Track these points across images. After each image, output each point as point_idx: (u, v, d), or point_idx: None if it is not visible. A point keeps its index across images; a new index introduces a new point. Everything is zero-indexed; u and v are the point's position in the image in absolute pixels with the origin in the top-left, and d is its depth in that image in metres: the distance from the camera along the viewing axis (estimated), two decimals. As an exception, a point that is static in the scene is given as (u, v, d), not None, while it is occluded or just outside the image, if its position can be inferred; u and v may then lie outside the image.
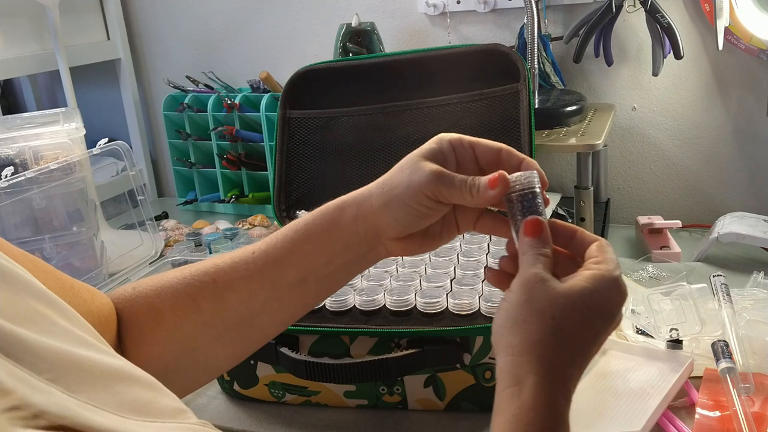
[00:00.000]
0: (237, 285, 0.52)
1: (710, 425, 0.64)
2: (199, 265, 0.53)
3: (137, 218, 1.13)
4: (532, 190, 0.48)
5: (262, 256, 0.52)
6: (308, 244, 0.52)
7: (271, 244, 0.53)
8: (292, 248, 0.52)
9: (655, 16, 1.08)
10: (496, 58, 0.98)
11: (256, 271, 0.52)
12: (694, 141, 1.21)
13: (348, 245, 0.52)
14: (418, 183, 0.48)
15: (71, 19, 1.43)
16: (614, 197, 1.28)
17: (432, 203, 0.49)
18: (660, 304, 0.79)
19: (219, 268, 0.53)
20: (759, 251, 1.03)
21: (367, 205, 0.51)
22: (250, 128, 1.39)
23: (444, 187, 0.48)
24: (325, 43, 1.36)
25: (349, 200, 0.52)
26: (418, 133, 1.02)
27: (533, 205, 0.48)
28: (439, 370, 0.70)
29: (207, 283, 0.52)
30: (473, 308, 0.70)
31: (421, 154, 0.50)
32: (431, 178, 0.48)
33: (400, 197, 0.49)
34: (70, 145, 1.03)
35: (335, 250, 0.52)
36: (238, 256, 0.53)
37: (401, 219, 0.50)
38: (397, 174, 0.50)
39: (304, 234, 0.52)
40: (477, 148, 0.51)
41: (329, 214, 0.52)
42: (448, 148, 0.50)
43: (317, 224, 0.52)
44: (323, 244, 0.52)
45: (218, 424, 0.73)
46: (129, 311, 0.52)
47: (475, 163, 0.51)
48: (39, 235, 0.98)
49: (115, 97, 1.61)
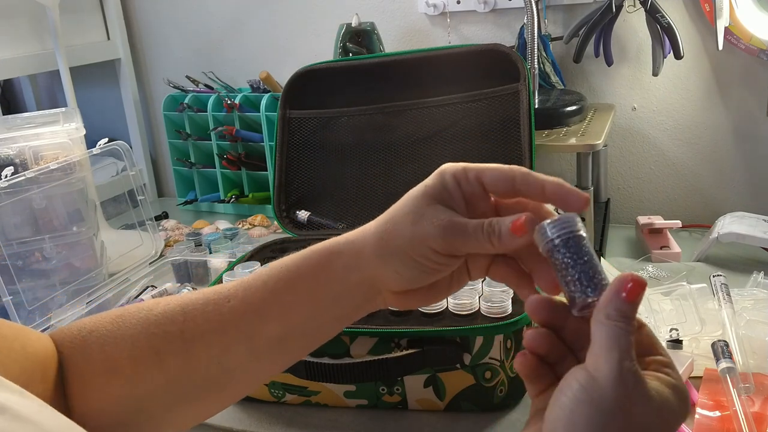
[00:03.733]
0: (209, 338, 0.45)
1: (710, 425, 0.64)
2: (165, 309, 0.46)
3: (137, 218, 1.13)
4: (576, 234, 0.39)
5: (238, 306, 0.45)
6: (290, 295, 0.44)
7: (250, 291, 0.45)
8: (271, 299, 0.44)
9: (655, 16, 1.08)
10: (496, 58, 0.98)
11: (231, 322, 0.45)
12: (694, 141, 1.21)
13: (338, 298, 0.45)
14: (424, 236, 0.41)
15: (71, 19, 1.43)
16: (614, 197, 1.28)
17: (442, 258, 0.42)
18: (660, 304, 0.79)
19: (188, 316, 0.45)
20: (759, 251, 1.03)
21: (364, 254, 0.43)
22: (250, 128, 1.39)
23: (457, 240, 0.41)
24: (325, 43, 1.36)
25: (341, 245, 0.44)
26: (418, 133, 1.02)
27: (580, 250, 0.39)
28: (439, 370, 0.70)
29: (173, 334, 0.44)
30: (473, 308, 0.70)
31: (426, 194, 0.42)
32: (439, 232, 0.41)
33: (402, 250, 0.42)
34: (70, 145, 1.03)
35: (323, 303, 0.45)
36: (212, 300, 0.45)
37: (404, 274, 0.43)
38: (398, 219, 0.42)
39: (285, 282, 0.44)
40: (485, 178, 0.42)
41: (315, 260, 0.45)
42: (452, 184, 0.42)
43: (302, 272, 0.45)
44: (308, 296, 0.44)
45: (218, 424, 0.74)
46: (81, 358, 0.45)
47: (485, 195, 0.43)
48: (39, 235, 0.98)
49: (115, 97, 1.61)
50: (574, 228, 0.39)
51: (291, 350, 0.47)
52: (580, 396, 0.34)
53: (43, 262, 0.99)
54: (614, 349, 0.35)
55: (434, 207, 0.42)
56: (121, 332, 0.45)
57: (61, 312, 0.94)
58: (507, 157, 0.95)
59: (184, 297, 0.47)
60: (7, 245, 0.93)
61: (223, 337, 0.45)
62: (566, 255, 0.39)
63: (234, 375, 0.46)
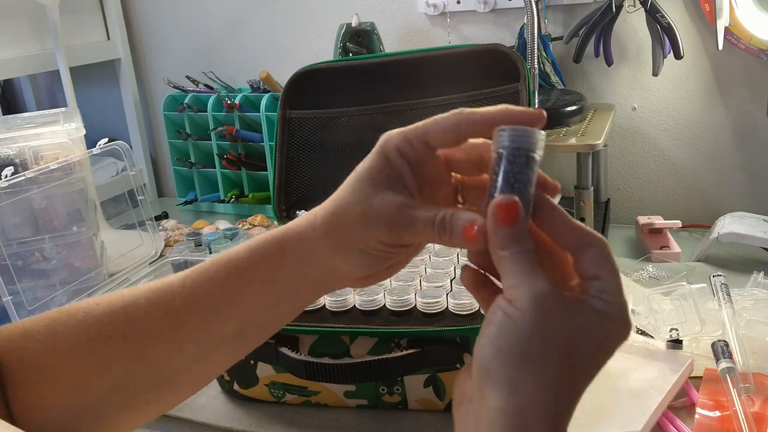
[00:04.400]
0: (156, 340, 0.42)
1: (710, 425, 0.64)
2: (104, 310, 0.42)
3: (137, 218, 1.13)
4: (528, 153, 0.36)
5: (187, 304, 0.42)
6: (245, 292, 0.43)
7: (199, 288, 0.43)
8: (224, 296, 0.42)
9: (655, 16, 1.08)
10: (496, 58, 0.98)
11: (180, 322, 0.42)
12: (694, 141, 1.21)
13: (296, 291, 0.43)
14: (373, 230, 0.39)
15: (71, 19, 1.43)
16: (614, 197, 1.28)
17: (394, 248, 0.41)
18: (660, 304, 0.79)
19: (131, 318, 0.42)
20: (759, 251, 1.03)
21: (315, 249, 0.41)
22: (250, 128, 1.39)
23: (406, 235, 0.39)
24: (325, 43, 1.36)
25: (292, 239, 0.42)
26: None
27: (524, 174, 0.36)
28: (439, 370, 0.70)
29: (116, 338, 0.42)
30: (473, 308, 0.70)
31: (371, 180, 0.40)
32: (387, 227, 0.39)
33: (353, 244, 0.40)
34: (70, 145, 1.03)
35: (281, 296, 0.43)
36: (156, 300, 0.43)
37: (359, 264, 0.41)
38: (345, 213, 0.40)
39: (239, 279, 0.42)
40: (430, 137, 0.39)
41: (269, 254, 0.42)
42: (397, 160, 0.40)
43: (255, 267, 0.42)
44: (265, 291, 0.43)
45: (218, 424, 0.74)
46: (18, 366, 0.41)
47: (434, 155, 0.41)
48: (39, 235, 0.98)
49: (115, 97, 1.61)
50: (527, 146, 0.36)
51: (247, 342, 0.45)
52: (504, 323, 0.35)
53: (43, 262, 0.98)
54: (519, 274, 0.35)
55: (382, 194, 0.39)
56: (60, 338, 0.42)
57: (61, 312, 0.94)
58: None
59: (125, 296, 0.43)
60: (7, 245, 0.93)
61: (173, 338, 0.42)
62: (506, 171, 0.36)
63: (187, 373, 0.44)
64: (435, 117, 0.40)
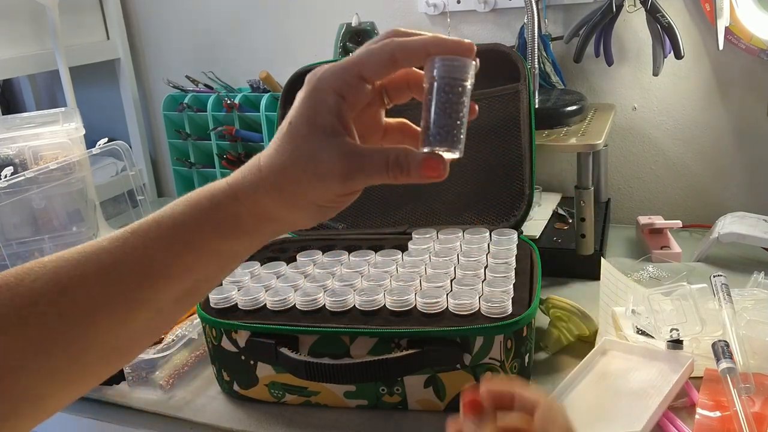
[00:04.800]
0: (99, 316, 0.39)
1: (710, 425, 0.64)
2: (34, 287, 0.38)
3: (137, 218, 1.12)
4: (461, 83, 0.38)
5: (130, 273, 0.39)
6: (193, 254, 0.41)
7: (140, 255, 0.40)
8: (170, 260, 0.40)
9: (656, 16, 1.08)
10: (496, 58, 0.98)
11: (124, 293, 0.39)
12: (694, 141, 1.21)
13: (249, 247, 0.43)
14: (325, 185, 0.40)
15: (71, 19, 1.43)
16: (614, 197, 1.28)
17: (347, 196, 0.42)
18: (660, 305, 0.79)
19: (67, 294, 0.38)
20: (759, 251, 1.03)
21: (269, 207, 0.41)
22: (250, 128, 1.39)
23: (358, 182, 0.40)
24: (325, 43, 1.35)
25: (241, 201, 0.41)
26: (418, 133, 1.01)
27: (457, 102, 0.38)
28: (439, 371, 0.70)
29: (52, 316, 0.38)
30: (473, 308, 0.70)
31: (315, 132, 0.39)
32: (340, 179, 0.39)
33: (307, 199, 0.41)
34: (70, 145, 1.03)
35: (233, 254, 0.43)
36: (93, 272, 0.39)
37: (314, 216, 0.42)
38: (294, 170, 0.40)
39: (184, 242, 0.41)
40: (366, 73, 0.39)
41: (217, 214, 0.41)
42: (337, 105, 0.39)
43: (203, 228, 0.41)
44: (216, 252, 0.42)
45: (218, 425, 0.74)
46: None
47: (369, 88, 0.40)
48: (38, 235, 0.98)
49: (115, 97, 1.61)
50: (459, 75, 0.38)
51: (198, 297, 0.44)
52: None
53: (43, 262, 0.98)
54: None
55: (327, 145, 0.39)
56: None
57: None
58: (507, 156, 0.95)
59: (55, 268, 0.39)
60: (6, 245, 0.93)
61: (117, 311, 0.39)
62: (440, 99, 0.38)
63: (135, 339, 0.42)
64: (366, 48, 0.40)
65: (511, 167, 0.95)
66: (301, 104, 0.40)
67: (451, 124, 0.38)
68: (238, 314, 0.75)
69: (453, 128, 0.38)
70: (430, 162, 0.39)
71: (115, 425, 0.77)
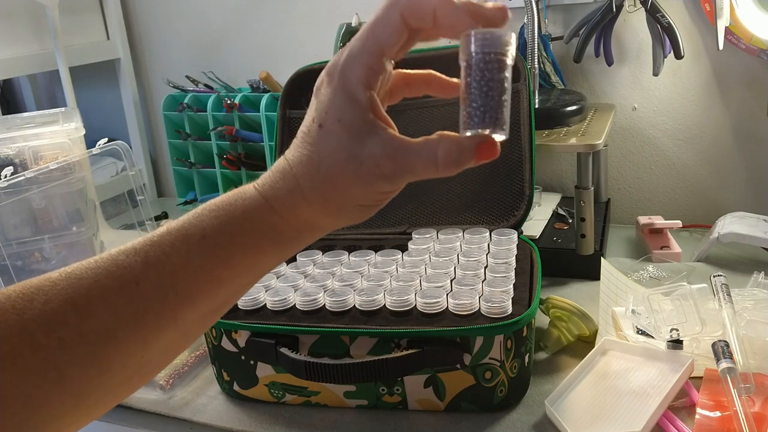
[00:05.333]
0: (120, 335, 0.35)
1: (711, 425, 0.64)
2: (47, 309, 0.34)
3: (137, 218, 1.13)
4: (500, 58, 0.35)
5: (154, 290, 0.36)
6: (227, 270, 0.38)
7: (167, 270, 0.37)
8: (201, 276, 0.37)
9: (656, 16, 1.08)
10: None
11: (148, 311, 0.36)
12: (694, 141, 1.21)
13: (284, 258, 0.41)
14: (373, 186, 0.38)
15: (71, 19, 1.43)
16: (614, 197, 1.28)
17: (391, 193, 0.40)
18: (660, 305, 0.79)
19: (85, 314, 0.34)
20: (759, 251, 1.03)
21: (311, 216, 0.39)
22: (250, 128, 1.39)
23: (405, 179, 0.38)
24: (325, 43, 1.35)
25: (280, 213, 0.38)
26: (418, 133, 1.01)
27: (497, 80, 0.35)
28: (439, 371, 0.70)
29: (71, 341, 0.34)
30: (473, 308, 0.70)
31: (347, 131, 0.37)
32: (382, 181, 0.37)
33: (352, 202, 0.39)
34: (70, 145, 1.03)
35: (267, 267, 0.40)
36: (113, 288, 0.35)
37: (358, 216, 0.40)
38: (337, 176, 0.37)
39: (218, 257, 0.38)
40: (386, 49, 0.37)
41: (256, 229, 0.38)
42: (366, 96, 0.37)
43: (239, 242, 0.38)
44: (251, 268, 0.39)
45: (218, 425, 0.73)
46: None
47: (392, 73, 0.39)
48: (38, 235, 0.98)
49: (115, 97, 1.61)
50: (497, 49, 0.35)
51: (224, 311, 0.42)
52: None
53: (43, 262, 0.98)
54: None
55: (368, 144, 0.36)
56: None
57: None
58: (507, 156, 0.95)
59: (67, 286, 0.35)
60: (6, 245, 0.93)
61: (140, 331, 0.36)
62: (479, 76, 0.35)
63: (157, 360, 0.39)
64: (374, 20, 0.36)
65: (511, 167, 0.95)
66: (330, 105, 0.37)
67: (492, 104, 0.35)
68: (238, 314, 0.75)
69: (496, 107, 0.36)
70: (484, 146, 0.36)
71: (115, 425, 0.77)
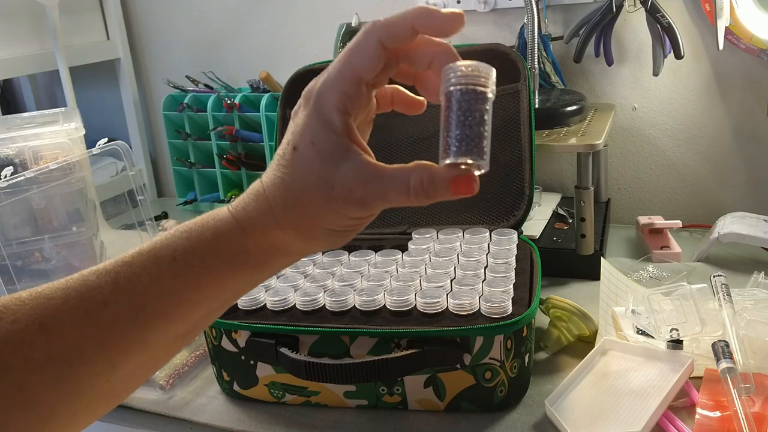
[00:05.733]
0: (88, 357, 0.35)
1: (711, 425, 0.64)
2: (14, 329, 0.34)
3: (137, 218, 1.13)
4: (479, 90, 0.36)
5: (123, 311, 0.36)
6: (197, 294, 0.38)
7: (136, 291, 0.36)
8: (171, 299, 0.37)
9: (656, 16, 1.08)
10: (496, 58, 0.98)
11: (116, 334, 0.35)
12: (694, 141, 1.21)
13: (258, 281, 0.40)
14: (343, 212, 0.37)
15: (71, 19, 1.43)
16: (614, 197, 1.28)
17: (365, 220, 0.39)
18: (660, 305, 0.79)
19: (53, 335, 0.34)
20: (759, 251, 1.03)
21: (281, 239, 0.39)
22: (250, 128, 1.39)
23: (378, 206, 0.37)
24: (325, 43, 1.35)
25: (250, 235, 0.38)
26: (418, 133, 1.02)
27: (475, 113, 0.35)
28: (439, 371, 0.70)
29: (38, 361, 0.33)
30: (473, 308, 0.70)
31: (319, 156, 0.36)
32: (359, 206, 0.37)
33: (323, 227, 0.38)
34: (70, 145, 1.03)
35: (240, 290, 0.40)
36: (80, 309, 0.35)
37: (329, 242, 0.40)
38: (308, 200, 0.37)
39: (188, 280, 0.37)
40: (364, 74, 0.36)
41: (226, 252, 0.38)
42: (341, 121, 0.36)
43: (210, 266, 0.37)
44: (221, 290, 0.39)
45: (218, 425, 0.73)
46: None
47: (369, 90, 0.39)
48: (38, 235, 0.98)
49: (115, 97, 1.61)
50: (476, 82, 0.35)
51: (195, 334, 0.41)
52: None
53: (43, 262, 0.98)
54: None
55: (340, 170, 0.36)
56: None
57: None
58: (507, 156, 0.95)
59: (36, 306, 0.35)
60: (6, 245, 0.93)
61: (108, 353, 0.35)
62: (459, 107, 0.35)
63: (126, 382, 0.38)
64: (352, 45, 0.36)
65: (511, 167, 0.95)
66: (305, 128, 0.37)
67: (470, 134, 0.35)
68: (238, 314, 0.75)
69: (474, 136, 0.35)
70: (460, 180, 0.36)
71: (115, 425, 0.77)
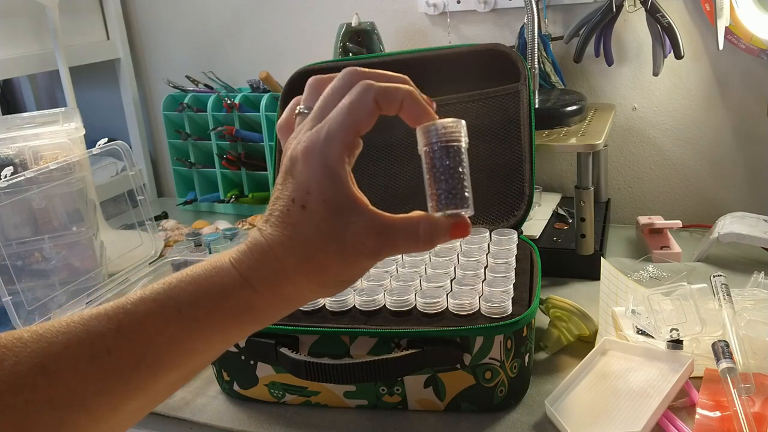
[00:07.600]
0: (89, 402, 0.36)
1: (710, 425, 0.64)
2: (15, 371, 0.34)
3: (137, 218, 1.13)
4: (455, 145, 0.40)
5: (126, 359, 0.36)
6: (201, 343, 0.39)
7: (140, 339, 0.37)
8: (174, 349, 0.38)
9: (656, 16, 1.08)
10: (496, 58, 0.98)
11: (118, 380, 0.36)
12: (694, 141, 1.21)
13: (263, 327, 0.41)
14: (353, 263, 0.39)
15: (71, 19, 1.43)
16: (614, 197, 1.28)
17: (371, 266, 0.41)
18: (660, 305, 0.79)
19: (54, 379, 0.35)
20: (759, 251, 1.03)
21: (293, 291, 0.40)
22: (250, 128, 1.39)
23: (388, 255, 0.40)
24: (325, 43, 1.35)
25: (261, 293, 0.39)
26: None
27: (455, 166, 0.39)
28: (439, 371, 0.70)
29: (39, 404, 0.34)
30: (473, 308, 0.70)
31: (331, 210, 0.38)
32: (366, 258, 0.39)
33: (335, 277, 0.40)
34: (70, 145, 1.03)
35: (244, 336, 0.41)
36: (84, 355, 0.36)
37: (336, 289, 0.42)
38: (321, 256, 0.38)
39: (193, 332, 0.38)
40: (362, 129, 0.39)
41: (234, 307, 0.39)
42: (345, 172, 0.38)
43: (216, 320, 0.38)
44: (225, 339, 0.40)
45: (218, 425, 0.73)
46: None
47: None
48: (38, 235, 0.98)
49: (115, 97, 1.61)
50: (452, 138, 0.40)
51: (192, 377, 0.42)
52: None
53: (43, 262, 0.98)
54: None
55: (352, 222, 0.38)
56: None
57: (61, 312, 0.94)
58: (507, 156, 0.95)
59: (37, 349, 0.35)
60: (6, 245, 0.93)
61: (109, 398, 0.36)
62: (439, 163, 0.40)
63: (124, 423, 0.39)
64: (353, 104, 0.39)
65: (511, 167, 0.95)
66: (312, 184, 0.38)
67: (457, 185, 0.40)
68: (238, 314, 0.75)
69: (460, 187, 0.40)
70: (458, 226, 0.40)
71: (115, 425, 0.77)
